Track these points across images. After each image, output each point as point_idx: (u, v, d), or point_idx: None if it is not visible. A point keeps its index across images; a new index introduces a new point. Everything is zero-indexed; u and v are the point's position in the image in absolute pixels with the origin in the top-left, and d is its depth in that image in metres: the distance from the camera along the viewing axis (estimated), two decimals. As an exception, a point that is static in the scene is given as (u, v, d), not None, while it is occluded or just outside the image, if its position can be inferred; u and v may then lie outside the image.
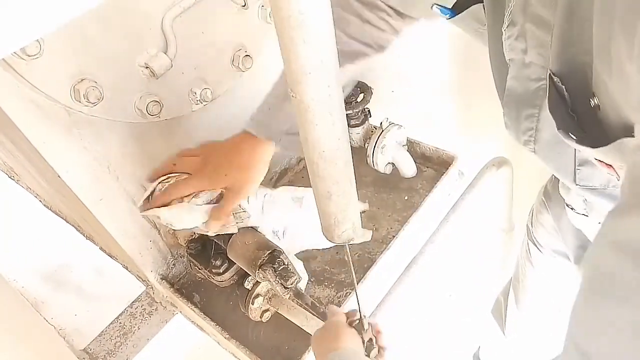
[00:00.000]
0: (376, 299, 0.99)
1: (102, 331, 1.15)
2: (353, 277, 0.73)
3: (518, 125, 0.64)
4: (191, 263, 0.95)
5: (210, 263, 0.91)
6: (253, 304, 0.89)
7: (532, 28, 0.55)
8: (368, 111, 1.15)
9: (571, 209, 0.87)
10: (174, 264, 1.03)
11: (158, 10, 0.77)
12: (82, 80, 0.71)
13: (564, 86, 0.51)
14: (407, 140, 1.14)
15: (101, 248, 1.10)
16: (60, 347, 1.16)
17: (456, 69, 1.33)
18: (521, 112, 0.63)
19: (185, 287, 1.04)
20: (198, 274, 0.98)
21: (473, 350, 1.67)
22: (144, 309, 1.17)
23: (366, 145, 1.10)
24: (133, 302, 1.18)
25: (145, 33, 0.77)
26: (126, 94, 0.78)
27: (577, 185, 0.68)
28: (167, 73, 0.80)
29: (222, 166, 0.80)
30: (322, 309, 0.83)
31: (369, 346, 0.74)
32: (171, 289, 1.00)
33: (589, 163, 0.65)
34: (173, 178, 0.81)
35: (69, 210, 1.04)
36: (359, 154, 1.11)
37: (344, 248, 0.69)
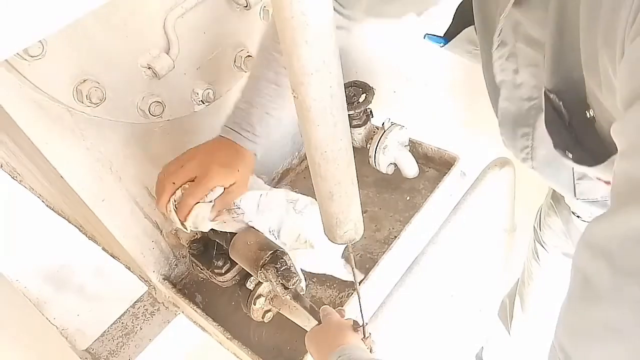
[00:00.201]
0: (378, 300, 0.99)
1: (105, 331, 1.15)
2: (356, 286, 0.73)
3: (515, 143, 0.65)
4: (193, 263, 0.95)
5: (212, 263, 0.91)
6: (255, 305, 0.89)
7: (524, 47, 0.55)
8: (370, 112, 1.15)
9: (577, 217, 0.87)
10: (176, 265, 1.03)
11: (160, 11, 0.77)
12: (85, 80, 0.71)
13: (561, 102, 0.51)
14: (409, 140, 1.14)
15: (103, 248, 1.11)
16: (62, 347, 1.16)
17: (458, 70, 1.33)
18: (516, 131, 0.64)
19: (187, 288, 1.04)
20: (200, 275, 0.98)
21: (475, 350, 1.66)
22: (146, 309, 1.17)
23: (368, 145, 1.10)
24: (135, 303, 1.18)
25: (147, 34, 0.77)
26: (128, 95, 0.78)
27: (578, 199, 0.68)
28: (170, 74, 0.80)
29: (233, 162, 0.80)
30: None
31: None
32: (173, 289, 1.00)
33: (588, 176, 0.65)
34: (180, 191, 0.81)
35: (72, 210, 1.04)
36: (361, 155, 1.11)
37: (349, 259, 0.69)
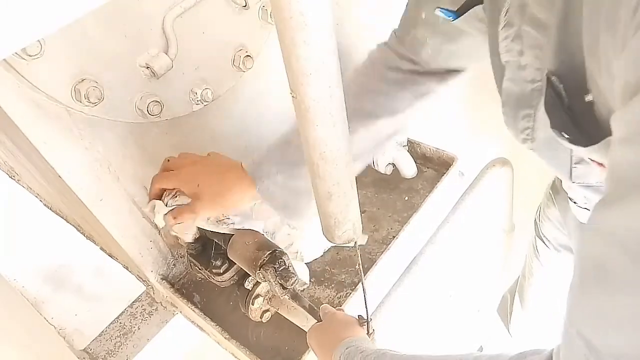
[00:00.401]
0: (376, 300, 0.99)
1: (103, 331, 1.15)
2: (362, 283, 0.74)
3: (516, 124, 0.65)
4: (191, 263, 0.95)
5: (210, 263, 0.91)
6: (253, 305, 0.89)
7: (529, 29, 0.55)
8: (368, 111, 1.15)
9: (574, 203, 0.87)
10: (174, 264, 1.03)
11: (159, 10, 0.77)
12: (83, 80, 0.71)
13: (562, 85, 0.51)
14: (408, 140, 1.14)
15: (101, 248, 1.10)
16: (60, 347, 1.16)
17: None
18: (518, 112, 0.64)
19: (185, 287, 1.04)
20: (198, 274, 0.98)
21: (474, 350, 1.67)
22: (144, 309, 1.17)
23: (367, 145, 1.10)
24: (133, 302, 1.18)
25: (146, 33, 0.77)
26: (127, 94, 0.78)
27: (574, 182, 0.68)
28: (168, 73, 0.80)
29: (206, 177, 0.77)
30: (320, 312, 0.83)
31: None
32: (171, 289, 1.00)
33: (585, 161, 0.65)
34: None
35: (70, 210, 1.04)
36: (360, 155, 1.11)
37: (357, 257, 0.69)
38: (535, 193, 1.09)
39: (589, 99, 0.49)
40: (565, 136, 0.52)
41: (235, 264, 0.89)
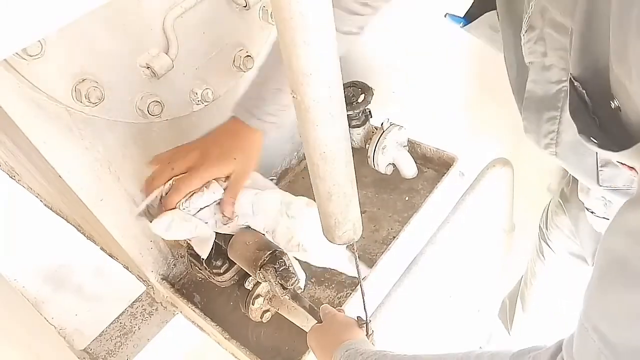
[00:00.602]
0: (377, 300, 0.99)
1: (103, 331, 1.15)
2: (361, 285, 0.74)
3: (539, 128, 0.64)
4: (192, 263, 0.95)
5: (210, 263, 0.91)
6: (253, 305, 0.90)
7: (551, 32, 0.55)
8: (369, 112, 1.15)
9: (591, 213, 0.86)
10: (175, 264, 1.03)
11: (159, 10, 0.77)
12: (84, 80, 0.71)
13: (585, 90, 0.51)
14: (408, 140, 1.14)
15: (102, 248, 1.11)
16: (60, 347, 1.16)
17: (457, 70, 1.33)
18: (542, 115, 0.63)
19: (185, 288, 1.04)
20: (198, 274, 0.98)
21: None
22: (145, 309, 1.17)
23: (367, 145, 1.10)
24: (133, 302, 1.18)
25: (146, 33, 0.77)
26: (127, 94, 0.78)
27: (601, 186, 0.67)
28: (168, 73, 0.80)
29: (230, 150, 0.81)
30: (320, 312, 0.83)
31: None
32: (172, 289, 1.00)
33: (612, 164, 0.65)
34: (169, 183, 0.81)
35: (70, 210, 1.04)
36: (360, 155, 1.11)
37: (354, 259, 0.69)
38: (535, 193, 1.09)
39: (615, 105, 0.48)
40: (594, 141, 0.51)
41: (235, 264, 0.89)
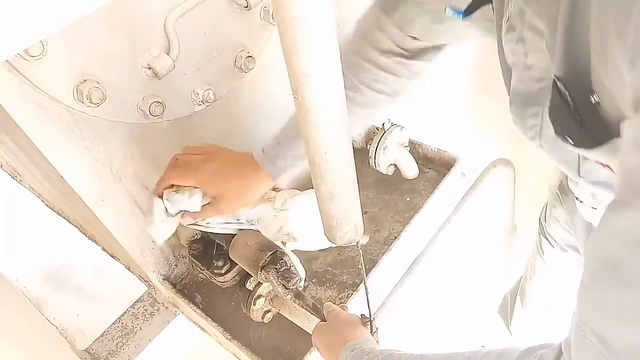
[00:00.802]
0: (378, 301, 0.99)
1: (104, 331, 1.15)
2: (364, 281, 0.74)
3: (524, 122, 0.65)
4: (193, 264, 0.95)
5: (212, 264, 0.91)
6: (255, 305, 0.90)
7: (530, 34, 0.56)
8: (370, 112, 1.15)
9: (580, 202, 0.87)
10: (176, 265, 1.03)
11: (161, 11, 0.77)
12: (85, 81, 0.71)
13: (568, 91, 0.51)
14: (409, 141, 1.14)
15: (103, 248, 1.11)
16: (62, 347, 1.16)
17: (458, 71, 1.33)
18: (526, 111, 0.64)
19: (187, 288, 1.04)
20: (200, 275, 0.98)
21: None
22: (146, 310, 1.17)
23: (368, 146, 1.10)
24: (135, 303, 1.18)
25: (147, 34, 0.77)
26: (129, 95, 0.78)
27: (582, 178, 0.68)
28: (170, 74, 0.80)
29: (229, 177, 0.80)
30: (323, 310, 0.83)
31: None
32: (173, 290, 1.00)
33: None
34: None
35: (71, 210, 1.04)
36: (361, 155, 1.11)
37: (359, 256, 0.69)
38: (537, 194, 1.08)
39: (595, 100, 0.49)
40: (569, 141, 0.52)
41: (236, 265, 0.89)
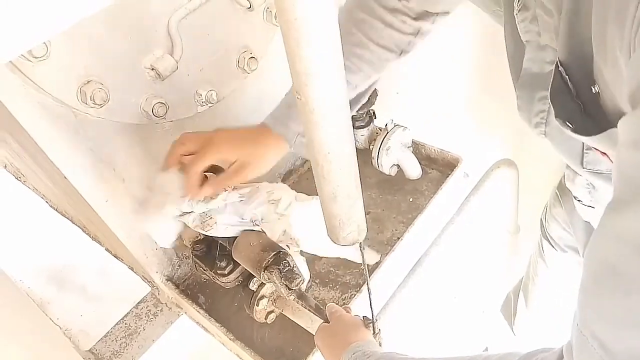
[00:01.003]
0: (381, 302, 0.99)
1: (108, 332, 1.15)
2: (367, 283, 0.74)
3: (531, 107, 0.65)
4: (196, 264, 0.95)
5: (215, 264, 0.91)
6: (258, 306, 0.90)
7: (542, 14, 0.56)
8: (373, 113, 1.15)
9: (578, 201, 0.87)
10: (179, 265, 1.03)
11: (164, 12, 0.77)
12: (89, 82, 0.71)
13: (568, 76, 0.51)
14: (412, 141, 1.14)
15: (107, 249, 1.11)
16: (66, 348, 1.16)
17: (461, 71, 1.33)
18: (535, 94, 0.63)
19: (190, 289, 1.04)
20: (203, 276, 0.98)
21: (479, 351, 1.66)
22: (149, 310, 1.17)
23: (371, 146, 1.10)
24: (138, 303, 1.18)
25: (151, 35, 0.77)
26: (132, 96, 0.78)
27: (584, 168, 0.68)
28: (173, 75, 0.80)
29: (244, 141, 0.78)
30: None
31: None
32: (176, 290, 1.00)
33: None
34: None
35: (75, 211, 1.04)
36: (364, 156, 1.11)
37: (361, 256, 0.69)
38: (540, 195, 1.08)
39: (596, 90, 0.49)
40: (569, 126, 0.52)
41: (240, 265, 0.89)
